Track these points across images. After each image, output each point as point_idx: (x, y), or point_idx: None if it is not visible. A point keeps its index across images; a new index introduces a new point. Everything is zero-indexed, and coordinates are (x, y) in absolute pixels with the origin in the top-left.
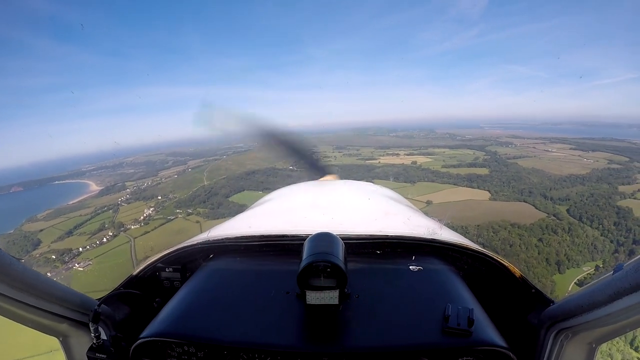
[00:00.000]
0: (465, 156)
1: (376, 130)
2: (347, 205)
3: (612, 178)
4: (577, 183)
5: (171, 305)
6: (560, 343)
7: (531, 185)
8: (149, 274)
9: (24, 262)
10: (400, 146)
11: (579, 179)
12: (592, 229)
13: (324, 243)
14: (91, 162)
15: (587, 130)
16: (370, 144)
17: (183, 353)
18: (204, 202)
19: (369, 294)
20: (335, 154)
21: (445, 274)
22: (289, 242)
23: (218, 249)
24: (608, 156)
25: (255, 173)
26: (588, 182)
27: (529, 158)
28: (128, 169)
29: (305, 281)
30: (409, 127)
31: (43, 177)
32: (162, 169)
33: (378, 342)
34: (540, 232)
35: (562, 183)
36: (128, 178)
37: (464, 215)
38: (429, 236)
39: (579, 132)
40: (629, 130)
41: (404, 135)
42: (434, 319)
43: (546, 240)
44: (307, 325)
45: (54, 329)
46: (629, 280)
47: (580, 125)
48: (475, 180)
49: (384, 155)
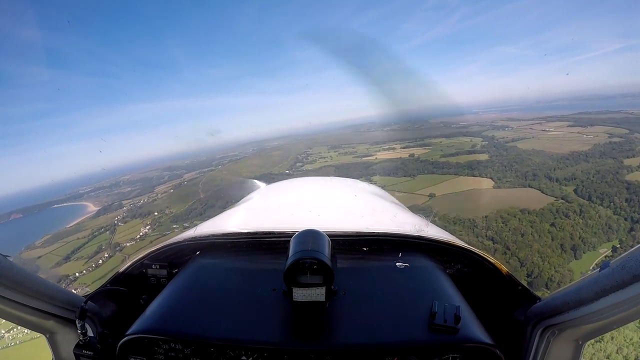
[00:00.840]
0: (463, 144)
1: (369, 125)
2: (334, 202)
3: (616, 152)
4: (580, 160)
5: (158, 302)
6: (546, 340)
7: (534, 167)
8: (136, 271)
9: (11, 259)
10: (396, 140)
11: (581, 155)
12: (603, 208)
13: (311, 240)
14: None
15: (581, 105)
16: (365, 140)
17: (170, 350)
18: (201, 215)
19: (356, 291)
20: (330, 154)
21: (431, 271)
22: (275, 239)
23: (205, 246)
24: (607, 130)
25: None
26: (591, 159)
27: (528, 139)
28: (125, 188)
29: (291, 278)
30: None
31: (42, 202)
32: (159, 184)
33: (365, 339)
34: (551, 217)
35: (565, 162)
36: (125, 197)
37: (469, 206)
38: (415, 233)
39: (573, 108)
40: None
41: (398, 128)
42: (420, 316)
43: (559, 224)
44: (294, 322)
45: (40, 325)
46: (615, 278)
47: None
48: (476, 168)
49: (380, 150)
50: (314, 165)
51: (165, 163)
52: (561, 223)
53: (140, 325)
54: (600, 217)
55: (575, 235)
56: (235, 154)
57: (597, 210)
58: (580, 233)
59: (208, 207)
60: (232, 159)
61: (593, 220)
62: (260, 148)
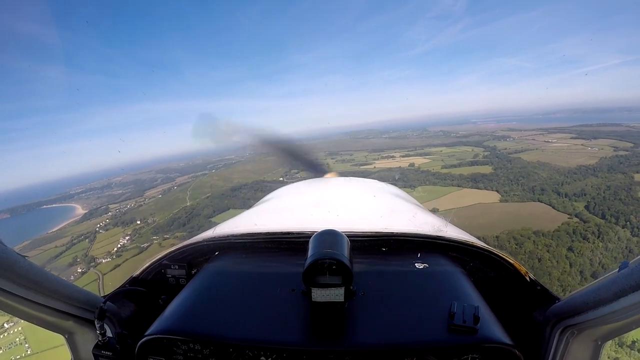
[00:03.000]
0: (464, 154)
1: (368, 132)
2: (353, 202)
3: (624, 166)
4: (588, 174)
5: (177, 303)
6: (565, 340)
7: (541, 181)
8: (155, 271)
9: (29, 259)
10: (395, 148)
11: (589, 170)
12: (621, 228)
13: (330, 240)
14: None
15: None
16: (364, 148)
17: (189, 350)
18: (184, 226)
19: (375, 292)
20: (327, 161)
21: (450, 272)
22: (294, 239)
23: (223, 247)
24: (611, 143)
25: (242, 188)
26: (600, 173)
27: (531, 151)
28: (116, 190)
29: (310, 278)
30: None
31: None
32: (150, 188)
33: (384, 339)
34: (568, 240)
35: (573, 176)
36: (114, 200)
37: (477, 222)
38: (434, 233)
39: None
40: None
41: (397, 135)
42: (439, 316)
43: (577, 249)
44: (313, 323)
45: (59, 326)
46: (634, 278)
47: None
48: (481, 180)
49: (378, 158)
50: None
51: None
52: (579, 247)
53: (159, 326)
54: (620, 240)
55: (595, 261)
56: (231, 158)
57: (615, 231)
58: (600, 258)
59: (193, 216)
60: (227, 163)
61: (612, 244)
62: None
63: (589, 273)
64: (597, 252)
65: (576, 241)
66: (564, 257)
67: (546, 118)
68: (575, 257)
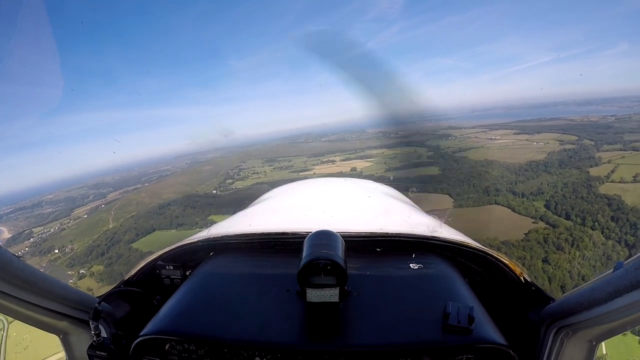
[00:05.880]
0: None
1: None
2: (348, 203)
3: (575, 160)
4: (540, 171)
5: (171, 303)
6: (560, 341)
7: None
8: (149, 271)
9: (23, 260)
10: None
11: (540, 165)
12: (590, 229)
13: (324, 241)
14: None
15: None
16: (303, 153)
17: (183, 351)
18: (102, 255)
19: (369, 292)
20: (265, 168)
21: (445, 272)
22: (289, 239)
23: (218, 247)
24: (556, 136)
25: (170, 204)
26: (552, 169)
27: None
28: (47, 208)
29: (305, 279)
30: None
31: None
32: (80, 206)
33: (378, 339)
34: (541, 251)
35: (525, 173)
36: (41, 221)
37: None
38: (429, 234)
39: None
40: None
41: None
42: (434, 316)
43: (553, 260)
44: (308, 323)
45: (54, 326)
46: (629, 278)
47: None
48: (430, 182)
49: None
50: (245, 183)
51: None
52: (556, 259)
53: (153, 326)
54: (595, 246)
55: (574, 273)
56: (167, 168)
57: (589, 235)
58: (579, 269)
59: (114, 243)
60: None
61: (589, 251)
62: (194, 161)
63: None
64: (575, 262)
65: (550, 252)
66: (541, 270)
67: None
68: (553, 269)
